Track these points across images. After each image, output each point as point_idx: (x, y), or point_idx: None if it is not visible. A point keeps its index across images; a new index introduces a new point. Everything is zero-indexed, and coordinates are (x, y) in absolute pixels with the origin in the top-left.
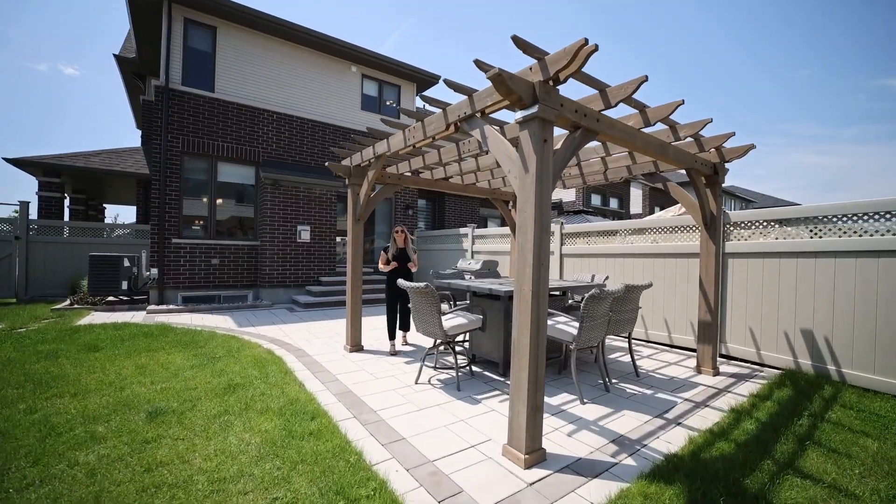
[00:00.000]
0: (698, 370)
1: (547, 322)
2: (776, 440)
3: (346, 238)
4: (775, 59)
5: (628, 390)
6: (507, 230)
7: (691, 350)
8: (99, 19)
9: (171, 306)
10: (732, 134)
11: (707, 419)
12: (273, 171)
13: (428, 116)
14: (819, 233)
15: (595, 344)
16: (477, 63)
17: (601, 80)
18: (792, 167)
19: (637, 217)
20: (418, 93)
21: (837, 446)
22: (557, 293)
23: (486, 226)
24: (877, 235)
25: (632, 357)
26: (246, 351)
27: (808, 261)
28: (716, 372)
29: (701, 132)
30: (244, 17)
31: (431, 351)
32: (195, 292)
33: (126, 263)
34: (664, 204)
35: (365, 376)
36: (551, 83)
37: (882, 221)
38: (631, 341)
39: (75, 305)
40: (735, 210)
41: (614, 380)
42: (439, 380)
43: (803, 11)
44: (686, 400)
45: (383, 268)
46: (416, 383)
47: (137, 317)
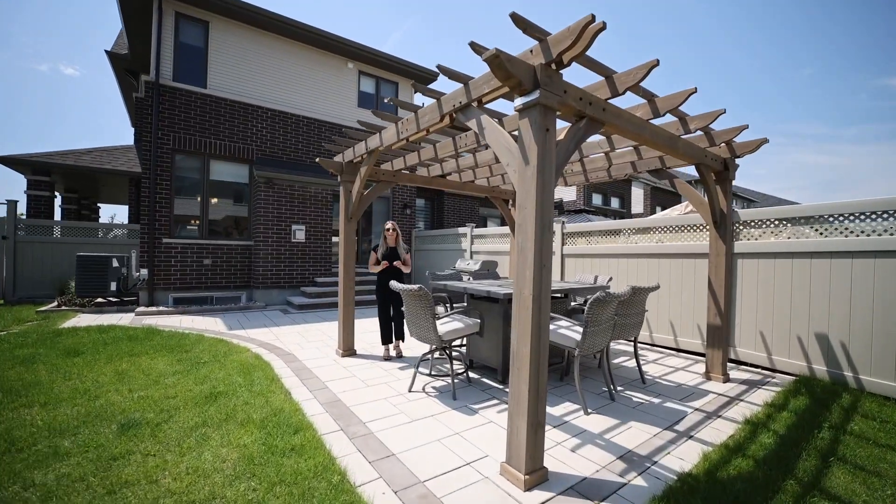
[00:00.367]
0: (707, 376)
1: (549, 328)
2: (797, 456)
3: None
4: (775, 59)
5: (634, 399)
6: (507, 230)
7: (698, 354)
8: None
9: (161, 308)
10: (745, 127)
11: (721, 432)
12: (267, 170)
13: (422, 108)
14: (836, 232)
15: (600, 350)
16: (473, 46)
17: (607, 66)
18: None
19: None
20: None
21: (864, 462)
22: (559, 295)
23: (486, 225)
24: None
25: (637, 363)
26: (233, 356)
27: (823, 261)
28: (726, 378)
29: (711, 125)
30: (237, 12)
31: (426, 356)
32: (186, 293)
33: (115, 264)
34: (666, 203)
35: (356, 383)
36: (554, 67)
37: None
38: (637, 346)
39: (63, 307)
40: (736, 209)
41: (619, 387)
42: (434, 387)
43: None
44: (697, 410)
45: (373, 269)
46: (410, 391)
47: (125, 319)
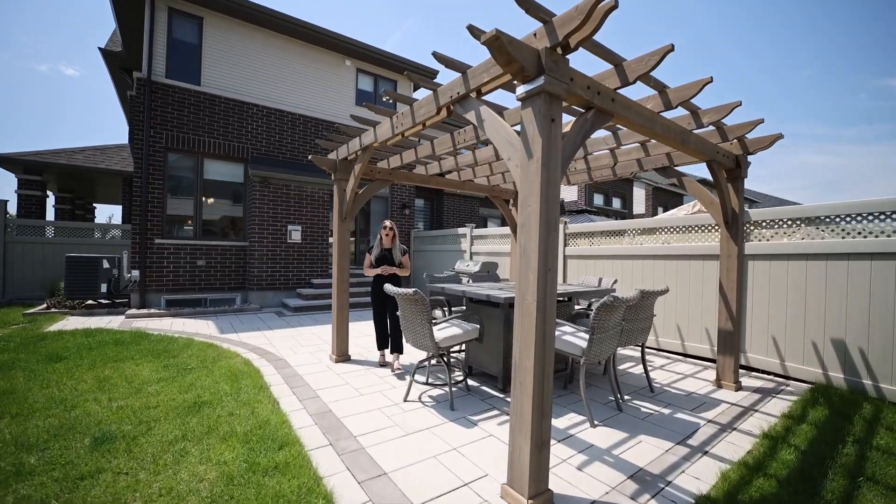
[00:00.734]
0: (718, 384)
1: (554, 339)
2: (823, 475)
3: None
4: (775, 59)
5: (643, 409)
6: (508, 230)
7: (707, 360)
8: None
9: (153, 310)
10: (761, 121)
11: (738, 447)
12: (262, 169)
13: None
14: (853, 232)
15: (606, 357)
16: (471, 29)
17: (616, 53)
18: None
19: (640, 217)
20: (415, 88)
21: None
22: (563, 299)
23: (486, 226)
24: None
25: (645, 369)
26: (222, 362)
27: (840, 263)
28: (738, 386)
29: (723, 119)
30: (232, 8)
31: (423, 363)
32: (179, 295)
33: (105, 265)
34: (668, 204)
35: (349, 392)
36: (560, 51)
37: None
38: (644, 352)
39: (52, 309)
40: (746, 209)
41: (626, 396)
42: (431, 396)
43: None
44: (710, 422)
45: (368, 272)
46: (405, 401)
47: (115, 322)
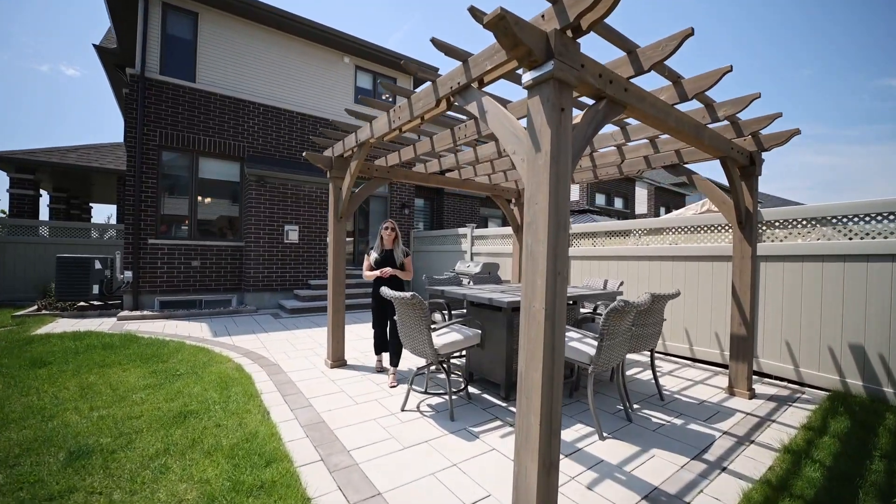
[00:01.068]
0: (731, 391)
1: (564, 350)
2: (853, 495)
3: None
4: (775, 59)
5: (654, 419)
6: (509, 230)
7: (716, 365)
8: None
9: (146, 312)
10: (779, 115)
11: (758, 462)
12: (259, 167)
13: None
14: (872, 232)
15: (615, 364)
16: (472, 11)
17: (630, 39)
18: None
19: (642, 217)
20: (415, 86)
21: None
22: (568, 303)
23: (487, 226)
24: None
25: (654, 376)
26: (213, 367)
27: (859, 265)
28: (752, 394)
29: (738, 114)
30: (228, 3)
31: (422, 370)
32: (174, 297)
33: (97, 266)
34: (670, 203)
35: (343, 400)
36: (570, 34)
37: None
38: (654, 358)
39: (42, 311)
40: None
41: (636, 404)
42: (430, 405)
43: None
44: (726, 433)
45: (368, 275)
46: (403, 410)
47: (106, 324)
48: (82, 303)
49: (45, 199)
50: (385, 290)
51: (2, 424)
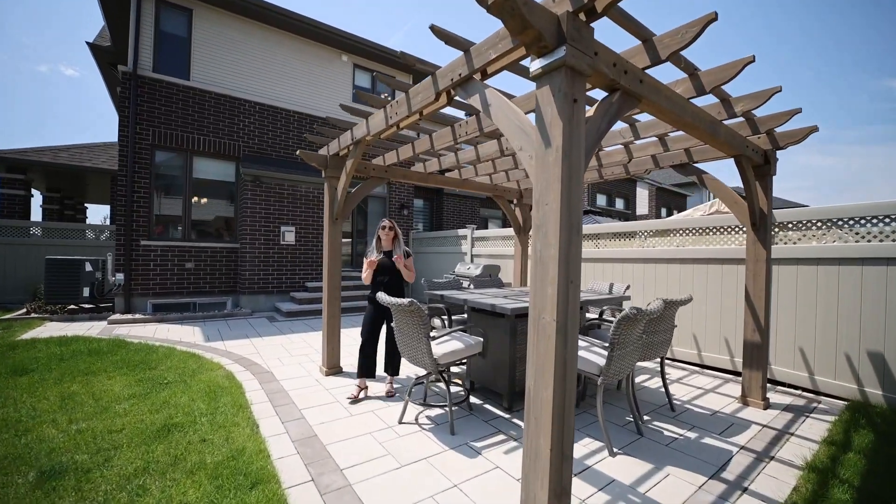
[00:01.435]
0: (744, 401)
1: (576, 366)
2: None
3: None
4: (776, 59)
5: (666, 433)
6: (510, 231)
7: (726, 372)
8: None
9: (138, 315)
10: (798, 110)
11: (780, 482)
12: (254, 167)
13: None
14: (893, 235)
15: (625, 375)
16: None
17: (646, 27)
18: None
19: (643, 218)
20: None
21: None
22: None
23: (487, 227)
24: None
25: (665, 386)
26: (202, 374)
27: (878, 269)
28: (766, 404)
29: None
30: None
31: (420, 380)
32: (167, 300)
33: (88, 268)
34: (671, 204)
35: (338, 412)
36: (583, 17)
37: None
38: (664, 366)
39: (32, 314)
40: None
41: (646, 415)
42: (429, 417)
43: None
44: (743, 448)
45: (367, 277)
46: (400, 423)
47: (96, 328)
48: (72, 306)
49: (38, 200)
50: (381, 296)
51: None
